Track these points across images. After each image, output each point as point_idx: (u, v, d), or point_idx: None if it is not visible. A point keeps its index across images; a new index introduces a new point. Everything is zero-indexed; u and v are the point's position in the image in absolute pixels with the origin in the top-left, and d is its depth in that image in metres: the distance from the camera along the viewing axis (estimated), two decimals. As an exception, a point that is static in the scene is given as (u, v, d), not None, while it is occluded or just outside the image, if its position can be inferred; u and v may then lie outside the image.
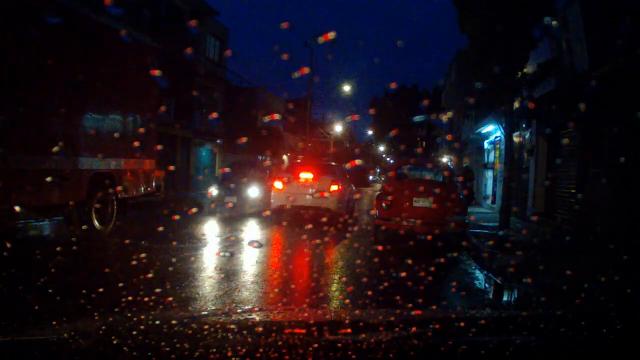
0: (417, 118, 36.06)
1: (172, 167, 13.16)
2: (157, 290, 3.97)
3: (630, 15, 7.88)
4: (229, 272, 5.99)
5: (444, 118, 29.88)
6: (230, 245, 8.72)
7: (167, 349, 1.24)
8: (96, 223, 8.34)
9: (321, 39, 3.03)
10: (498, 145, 17.71)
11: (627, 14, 7.97)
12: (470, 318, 1.81)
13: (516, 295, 5.87)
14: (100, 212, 8.48)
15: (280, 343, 1.27)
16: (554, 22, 9.59)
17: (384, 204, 8.88)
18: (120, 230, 8.66)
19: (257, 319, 1.77)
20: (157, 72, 8.51)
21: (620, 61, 7.57)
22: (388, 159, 56.82)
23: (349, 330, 1.40)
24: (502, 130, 10.60)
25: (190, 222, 10.66)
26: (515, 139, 12.70)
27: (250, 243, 8.43)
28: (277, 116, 31.50)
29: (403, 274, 6.09)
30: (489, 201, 19.83)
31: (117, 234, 8.42)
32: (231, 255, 7.22)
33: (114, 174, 8.68)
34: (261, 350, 1.25)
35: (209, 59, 26.02)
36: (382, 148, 62.18)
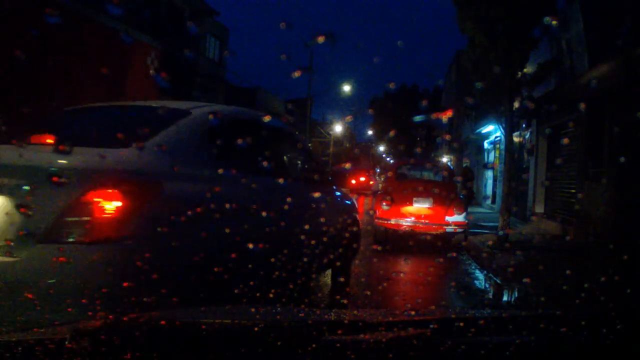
0: (417, 118, 36.02)
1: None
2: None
3: (630, 15, 7.88)
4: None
5: (444, 118, 29.89)
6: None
7: (168, 349, 1.24)
8: None
9: (321, 39, 3.01)
10: (498, 145, 17.70)
11: (627, 14, 7.97)
12: (470, 318, 1.81)
13: (516, 295, 5.86)
14: None
15: (279, 343, 1.27)
16: (554, 22, 9.58)
17: (384, 204, 8.87)
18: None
19: (256, 318, 1.76)
20: (156, 72, 8.52)
21: (620, 61, 7.56)
22: (388, 159, 56.78)
23: (348, 330, 1.39)
24: (502, 130, 10.59)
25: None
26: (515, 139, 12.69)
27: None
28: (276, 116, 31.41)
29: (403, 274, 6.08)
30: (489, 201, 19.82)
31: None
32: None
33: None
34: (260, 350, 1.25)
35: (209, 59, 26.01)
36: (382, 148, 62.13)
